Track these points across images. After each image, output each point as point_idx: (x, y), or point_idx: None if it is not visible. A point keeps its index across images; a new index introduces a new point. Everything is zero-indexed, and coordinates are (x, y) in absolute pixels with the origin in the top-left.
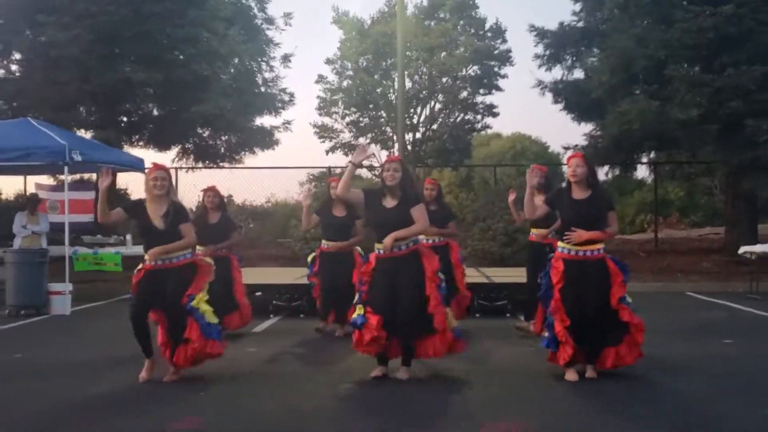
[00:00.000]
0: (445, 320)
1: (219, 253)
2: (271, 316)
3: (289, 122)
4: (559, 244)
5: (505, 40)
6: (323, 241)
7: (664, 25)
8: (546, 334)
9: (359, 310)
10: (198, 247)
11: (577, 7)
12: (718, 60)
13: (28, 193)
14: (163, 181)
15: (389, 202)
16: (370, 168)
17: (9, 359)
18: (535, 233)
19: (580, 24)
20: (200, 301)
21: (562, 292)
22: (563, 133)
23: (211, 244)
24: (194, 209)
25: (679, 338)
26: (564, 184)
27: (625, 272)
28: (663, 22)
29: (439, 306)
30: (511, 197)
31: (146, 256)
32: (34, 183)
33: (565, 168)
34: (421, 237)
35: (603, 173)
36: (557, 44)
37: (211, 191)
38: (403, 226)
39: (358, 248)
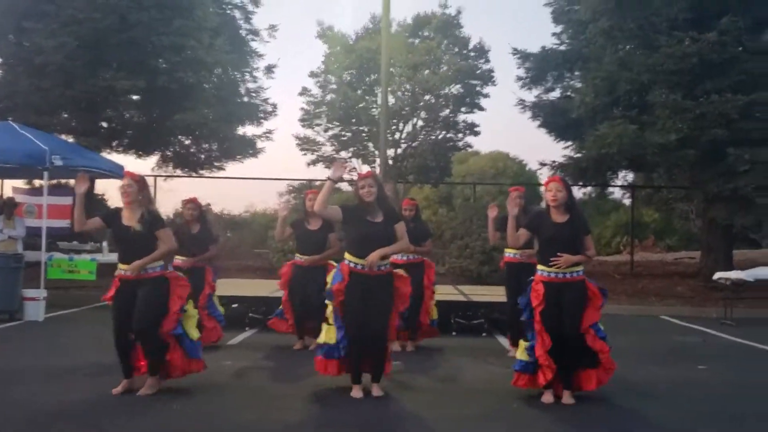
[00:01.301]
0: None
1: (197, 265)
2: (247, 328)
3: (270, 131)
4: (539, 267)
5: (488, 60)
6: (297, 255)
7: (648, 50)
8: (521, 357)
9: (331, 338)
10: (177, 257)
11: (558, 29)
12: (701, 86)
13: (4, 197)
14: (128, 188)
15: (374, 217)
16: (351, 182)
17: None
18: (515, 253)
19: (562, 47)
20: (188, 319)
21: (543, 314)
22: (541, 151)
23: (190, 255)
24: (172, 218)
25: (654, 362)
26: (543, 206)
27: (604, 296)
28: (647, 47)
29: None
30: (492, 213)
31: (120, 266)
32: (11, 186)
33: (542, 188)
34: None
35: (580, 193)
36: (539, 67)
37: (191, 203)
38: (389, 242)
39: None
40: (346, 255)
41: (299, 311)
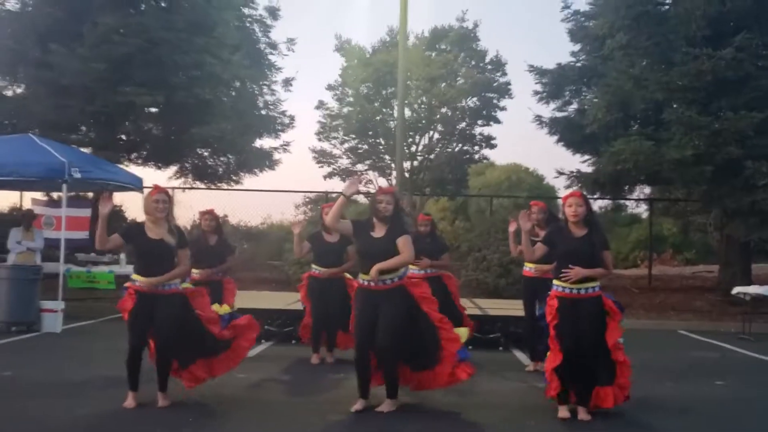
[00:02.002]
0: (455, 345)
1: (214, 277)
2: (263, 341)
3: (287, 143)
4: (555, 281)
5: (504, 73)
6: (314, 266)
7: (664, 66)
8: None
9: None
10: (194, 270)
11: (577, 47)
12: (716, 103)
13: (23, 209)
14: (164, 204)
15: (377, 232)
16: (367, 194)
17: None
18: (532, 268)
19: (579, 64)
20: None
21: (557, 329)
22: (558, 163)
23: (207, 266)
24: (189, 229)
25: (672, 378)
26: (562, 220)
27: (621, 311)
28: (663, 63)
29: (450, 330)
30: (512, 227)
31: (137, 278)
32: (30, 198)
33: (559, 201)
34: (413, 268)
35: (596, 205)
36: (555, 83)
37: (208, 214)
38: (390, 256)
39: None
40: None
41: (317, 324)
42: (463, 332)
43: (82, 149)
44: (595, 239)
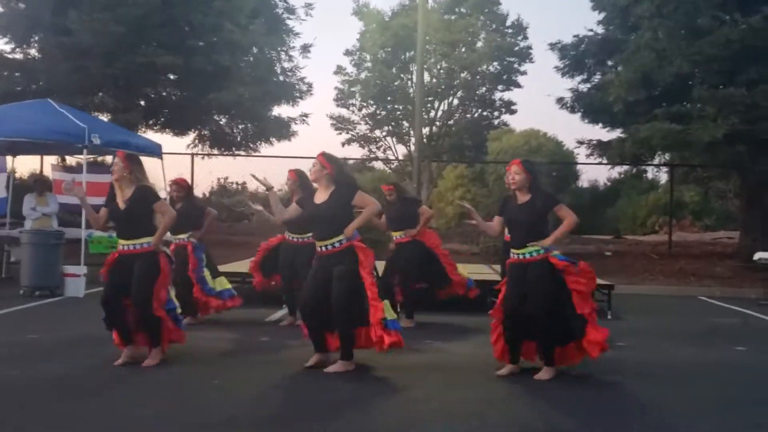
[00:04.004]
0: (379, 313)
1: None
2: (284, 306)
3: (306, 115)
4: (512, 251)
5: (525, 37)
6: (288, 234)
7: (690, 35)
8: None
9: None
10: (181, 235)
11: (600, 16)
12: (744, 75)
13: (36, 175)
14: (114, 167)
15: (319, 198)
16: (386, 161)
17: (24, 339)
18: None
19: (599, 36)
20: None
21: (505, 292)
22: (579, 128)
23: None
24: (208, 195)
25: (693, 343)
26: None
27: (574, 264)
28: (689, 31)
29: (375, 299)
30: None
31: (120, 241)
32: (50, 164)
33: (579, 167)
34: (396, 234)
35: (616, 173)
36: (578, 56)
37: (175, 184)
38: (333, 220)
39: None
40: None
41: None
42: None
43: (100, 115)
44: (538, 203)
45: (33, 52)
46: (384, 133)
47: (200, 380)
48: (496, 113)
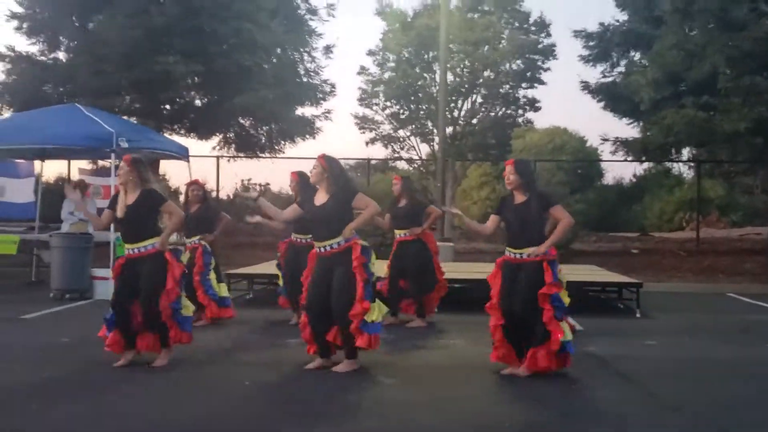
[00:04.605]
0: (359, 314)
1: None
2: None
3: (329, 111)
4: (506, 248)
5: (549, 34)
6: (294, 234)
7: (725, 29)
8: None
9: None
10: (194, 238)
11: (623, 11)
12: None
13: (75, 179)
14: (119, 171)
15: (319, 199)
16: (410, 161)
17: (57, 342)
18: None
19: (624, 27)
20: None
21: (500, 291)
22: (604, 125)
23: (195, 234)
24: (232, 197)
25: (724, 340)
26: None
27: (553, 271)
28: (723, 24)
29: (362, 300)
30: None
31: (126, 245)
32: (78, 168)
33: (603, 165)
34: (400, 233)
35: (642, 169)
36: (602, 46)
37: (194, 184)
38: (333, 221)
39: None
40: None
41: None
42: (379, 308)
43: (126, 117)
44: (535, 203)
45: (60, 55)
46: (408, 133)
47: (234, 381)
48: (519, 111)
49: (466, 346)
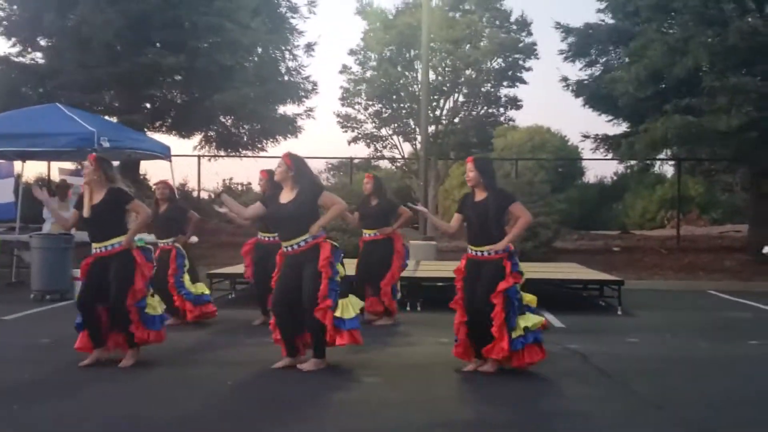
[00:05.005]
0: (323, 310)
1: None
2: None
3: (311, 109)
4: (468, 246)
5: (530, 33)
6: (260, 234)
7: (707, 26)
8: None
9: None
10: (166, 240)
11: (603, 5)
12: (760, 66)
13: (57, 180)
14: (85, 170)
15: (284, 198)
16: (392, 160)
17: (36, 343)
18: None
19: (605, 25)
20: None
21: (462, 288)
22: (586, 123)
23: (165, 236)
24: (214, 196)
25: (705, 337)
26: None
27: (520, 275)
28: (705, 20)
29: (324, 298)
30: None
31: (93, 245)
32: (57, 168)
33: (585, 163)
34: (369, 232)
35: (623, 167)
36: (582, 42)
37: (161, 183)
38: (299, 219)
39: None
40: None
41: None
42: (355, 303)
43: (107, 116)
44: (493, 201)
45: (38, 55)
46: (390, 132)
47: (216, 382)
48: (501, 110)
49: (449, 344)
